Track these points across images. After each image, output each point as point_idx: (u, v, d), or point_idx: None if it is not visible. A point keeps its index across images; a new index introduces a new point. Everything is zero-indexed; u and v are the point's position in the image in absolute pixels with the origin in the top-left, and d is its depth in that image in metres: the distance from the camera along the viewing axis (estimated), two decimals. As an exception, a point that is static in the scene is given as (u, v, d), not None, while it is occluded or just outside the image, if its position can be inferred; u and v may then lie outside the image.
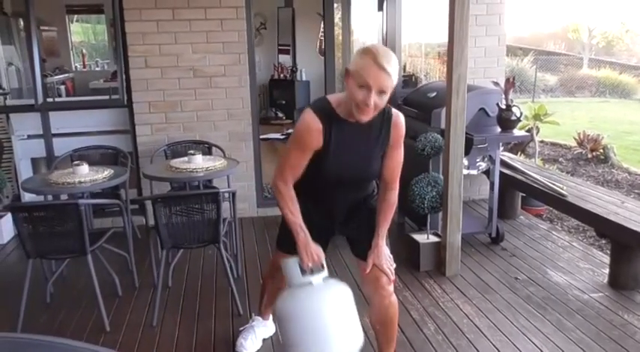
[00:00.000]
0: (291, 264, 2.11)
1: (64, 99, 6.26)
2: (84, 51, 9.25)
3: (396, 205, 2.31)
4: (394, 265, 2.29)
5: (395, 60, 1.94)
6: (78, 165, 3.47)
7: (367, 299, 2.42)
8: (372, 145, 2.14)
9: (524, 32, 23.39)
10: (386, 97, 1.97)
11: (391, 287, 2.30)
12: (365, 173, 2.21)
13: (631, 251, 3.29)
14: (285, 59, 9.51)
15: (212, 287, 3.51)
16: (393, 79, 1.93)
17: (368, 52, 1.92)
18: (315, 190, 2.22)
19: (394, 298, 2.34)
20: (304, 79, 9.10)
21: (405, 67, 6.86)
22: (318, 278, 2.08)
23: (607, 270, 3.49)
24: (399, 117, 2.15)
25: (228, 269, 3.16)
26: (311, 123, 2.05)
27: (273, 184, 2.18)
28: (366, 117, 1.98)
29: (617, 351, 2.68)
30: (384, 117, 2.11)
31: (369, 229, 2.27)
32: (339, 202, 2.29)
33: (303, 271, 2.09)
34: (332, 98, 2.12)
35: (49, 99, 4.75)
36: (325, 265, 2.13)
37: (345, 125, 2.06)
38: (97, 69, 9.02)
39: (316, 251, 2.12)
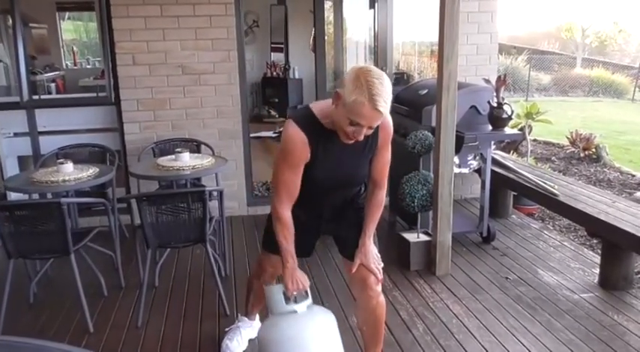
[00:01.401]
0: (275, 291, 2.08)
1: (49, 96, 6.20)
2: (75, 48, 9.18)
3: (387, 203, 2.28)
4: (382, 264, 2.25)
5: (389, 90, 1.84)
6: (62, 163, 3.42)
7: (355, 299, 2.38)
8: (360, 153, 2.09)
9: (519, 31, 23.46)
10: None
11: (379, 288, 2.26)
12: (353, 179, 2.19)
13: (621, 251, 3.26)
14: (278, 57, 9.46)
15: (199, 287, 3.47)
16: (386, 112, 1.88)
17: (363, 88, 1.80)
18: (303, 197, 2.16)
19: (382, 298, 2.30)
20: (297, 76, 9.05)
21: (398, 65, 6.84)
22: (302, 307, 2.06)
23: (597, 270, 3.47)
24: (386, 118, 2.06)
25: (215, 268, 3.12)
26: (296, 137, 1.98)
27: (272, 208, 2.11)
28: (352, 142, 1.95)
29: (606, 352, 2.65)
30: None
31: (356, 228, 2.24)
32: (327, 205, 2.27)
33: (287, 299, 2.05)
34: (317, 108, 2.03)
35: (35, 97, 4.68)
36: (309, 293, 2.10)
37: (332, 137, 1.99)
38: (87, 66, 8.96)
39: (302, 279, 2.09)
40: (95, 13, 4.55)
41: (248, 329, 2.78)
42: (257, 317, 2.82)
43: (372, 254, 2.22)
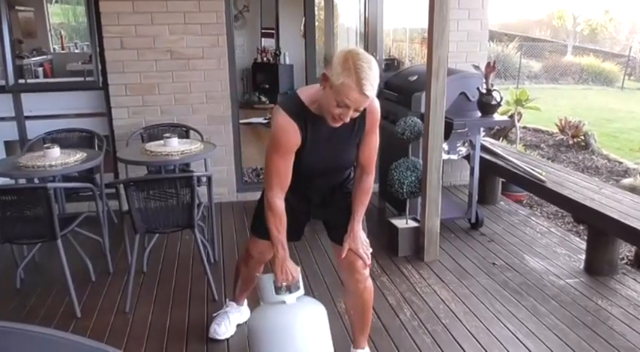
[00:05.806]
0: (266, 280, 2.08)
1: (36, 80, 6.12)
2: (62, 32, 9.05)
3: (377, 190, 2.28)
4: (370, 250, 2.26)
5: (377, 74, 1.84)
6: (49, 148, 3.38)
7: (343, 283, 2.40)
8: (348, 136, 2.09)
9: (511, 18, 23.44)
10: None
11: (367, 272, 2.28)
12: (341, 164, 2.20)
13: (607, 237, 3.30)
14: (269, 43, 9.39)
15: (187, 273, 3.46)
16: (373, 96, 1.89)
17: (351, 71, 1.80)
18: (292, 181, 2.15)
19: (370, 283, 2.31)
20: (288, 62, 8.99)
21: (389, 51, 6.81)
22: (292, 298, 2.05)
23: (583, 256, 3.50)
24: (373, 102, 2.07)
25: (204, 254, 3.11)
26: (286, 125, 1.99)
27: (265, 197, 2.11)
28: (339, 125, 1.95)
29: (589, 337, 2.69)
30: None
31: (345, 213, 2.24)
32: (315, 189, 2.28)
33: (277, 289, 2.05)
34: (304, 95, 2.03)
35: (22, 81, 4.62)
36: (301, 284, 2.10)
37: (320, 122, 2.00)
38: (76, 51, 8.84)
39: (292, 269, 2.08)
40: (83, -4, 4.48)
41: (236, 314, 2.79)
42: (245, 302, 2.83)
43: (360, 239, 2.23)
